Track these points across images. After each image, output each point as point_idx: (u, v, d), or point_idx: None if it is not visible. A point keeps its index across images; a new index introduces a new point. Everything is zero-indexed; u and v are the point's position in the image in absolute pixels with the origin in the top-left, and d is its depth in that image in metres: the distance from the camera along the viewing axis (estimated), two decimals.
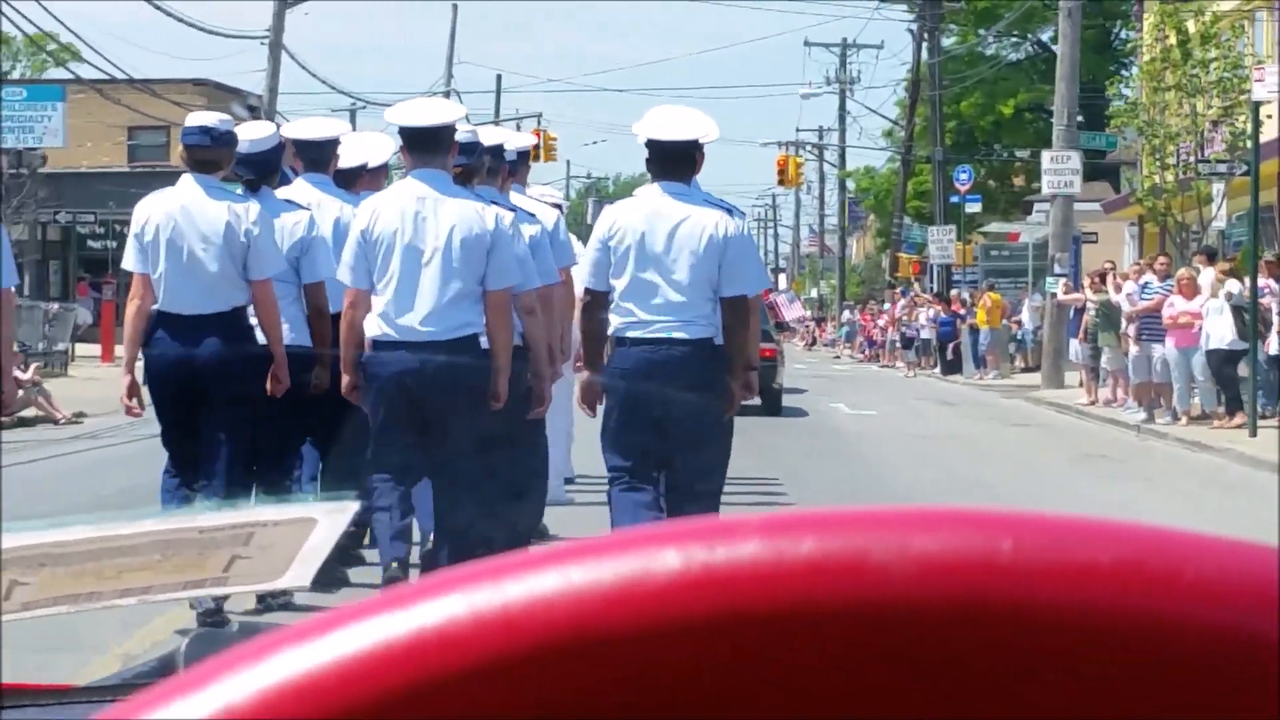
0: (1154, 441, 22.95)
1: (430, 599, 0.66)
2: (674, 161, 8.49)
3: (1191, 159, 27.91)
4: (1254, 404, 22.12)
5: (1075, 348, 30.31)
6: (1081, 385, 29.96)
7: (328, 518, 1.43)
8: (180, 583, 1.42)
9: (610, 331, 8.58)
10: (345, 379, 8.58)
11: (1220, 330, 22.84)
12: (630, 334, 8.47)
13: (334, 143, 10.21)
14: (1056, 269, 34.36)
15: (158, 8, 39.29)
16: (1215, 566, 0.66)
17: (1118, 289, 26.81)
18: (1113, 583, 0.65)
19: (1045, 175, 34.37)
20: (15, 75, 53.77)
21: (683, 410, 8.39)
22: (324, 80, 60.57)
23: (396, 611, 0.66)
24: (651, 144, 8.49)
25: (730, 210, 8.72)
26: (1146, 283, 25.20)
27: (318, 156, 10.04)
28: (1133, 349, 25.07)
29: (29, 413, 23.12)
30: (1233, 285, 22.88)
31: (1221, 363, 23.00)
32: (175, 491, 8.87)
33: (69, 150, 53.81)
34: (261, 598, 8.25)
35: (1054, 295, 32.59)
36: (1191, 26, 27.72)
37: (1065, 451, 21.28)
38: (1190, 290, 23.79)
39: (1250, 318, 22.18)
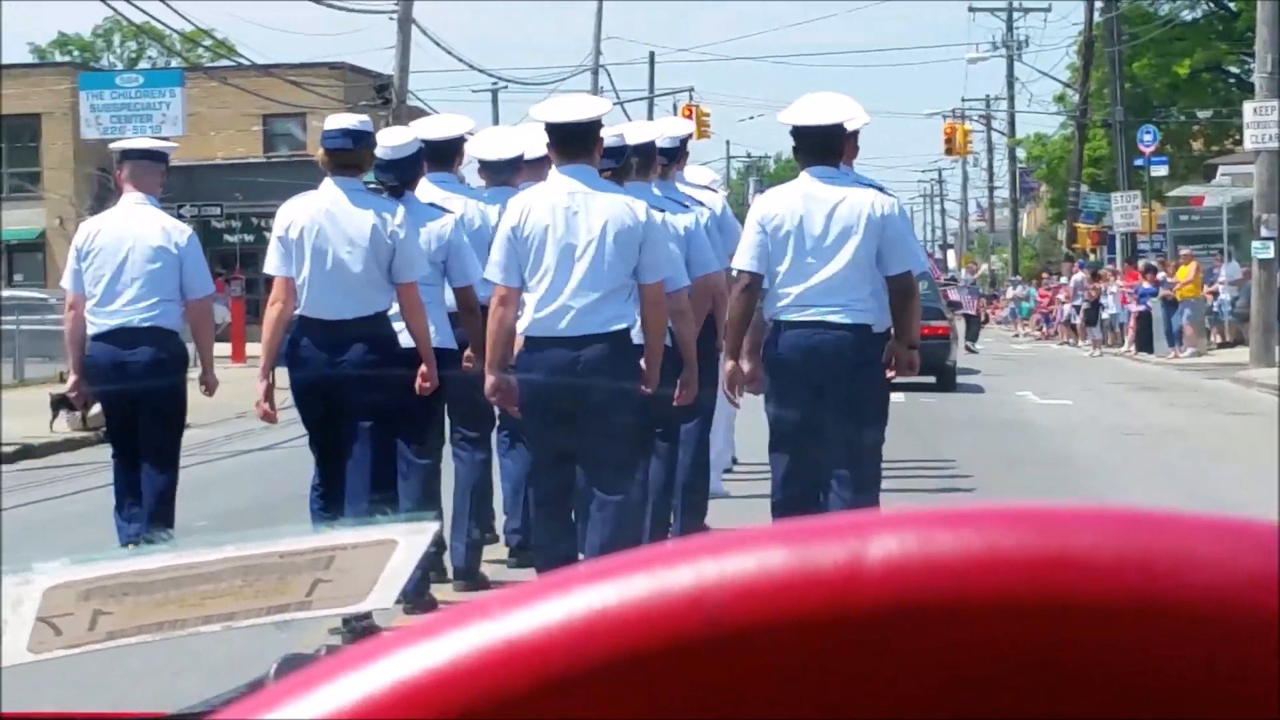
0: None
1: (540, 601, 0.67)
2: (820, 146, 8.63)
3: None
4: None
5: None
6: None
7: (408, 539, 1.46)
8: (264, 608, 1.46)
9: (767, 316, 8.72)
10: (489, 379, 8.48)
11: None
12: (787, 317, 8.61)
13: (458, 141, 10.30)
14: (1264, 231, 30.94)
15: None
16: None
17: None
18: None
19: (1248, 129, 30.97)
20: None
21: (842, 394, 8.54)
22: (460, 58, 58.26)
23: (495, 619, 0.67)
24: (796, 131, 8.65)
25: (881, 189, 8.93)
26: None
27: (441, 155, 10.06)
28: None
29: None
30: None
31: None
32: (321, 515, 8.87)
33: (206, 141, 51.98)
34: (346, 621, 7.82)
35: None
36: None
37: None
38: None
39: None
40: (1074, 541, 0.65)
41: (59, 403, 21.91)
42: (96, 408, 20.80)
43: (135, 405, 10.01)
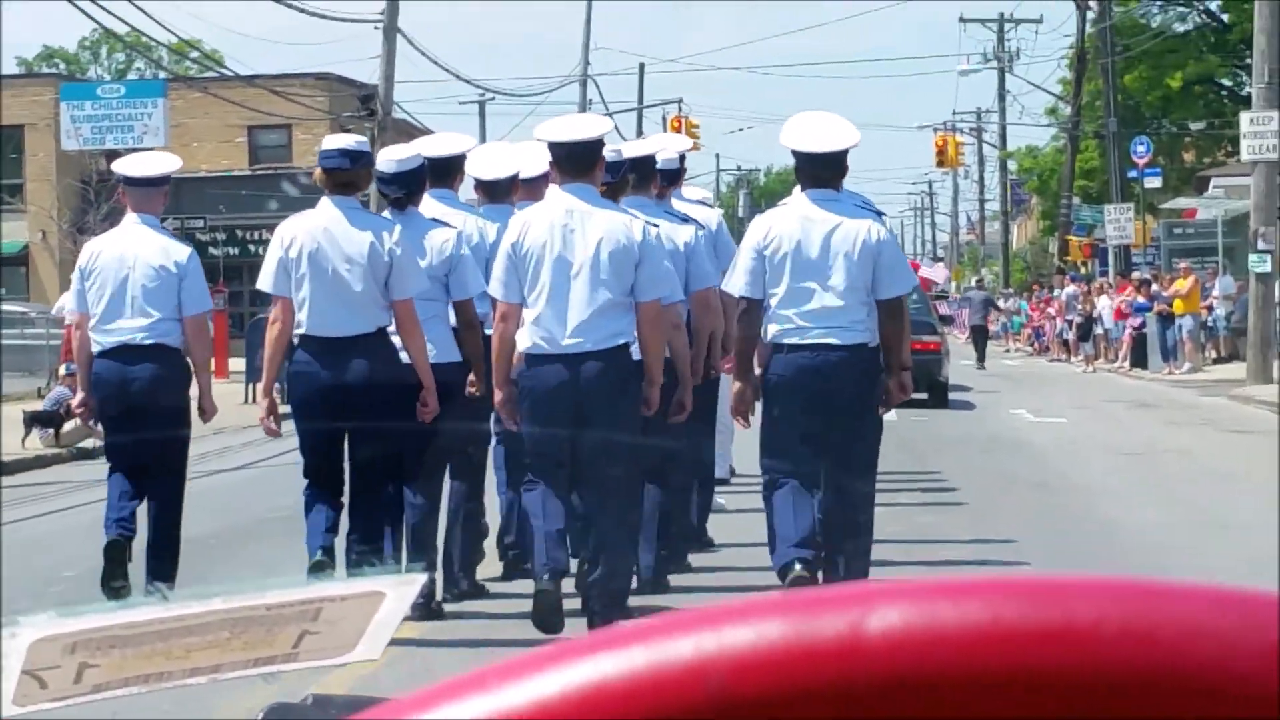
0: None
1: (638, 645, 0.67)
2: (825, 171, 8.77)
3: None
4: None
5: None
6: None
7: (395, 590, 1.45)
8: (249, 660, 1.45)
9: (768, 339, 8.85)
10: (498, 394, 8.72)
11: None
12: (788, 340, 8.74)
13: (459, 158, 10.35)
14: (1261, 244, 30.50)
15: None
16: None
17: None
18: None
19: (1244, 139, 30.55)
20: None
21: (843, 414, 8.62)
22: (446, 68, 57.42)
23: (605, 654, 0.68)
24: (801, 155, 8.78)
25: (879, 215, 9.11)
26: None
27: (443, 171, 10.11)
28: None
29: (89, 443, 19.98)
30: None
31: None
32: (321, 509, 9.06)
33: (188, 152, 51.37)
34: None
35: None
36: None
37: None
38: None
39: None
40: (1077, 614, 0.65)
41: (32, 419, 21.48)
42: (70, 424, 20.46)
43: (139, 423, 9.91)
